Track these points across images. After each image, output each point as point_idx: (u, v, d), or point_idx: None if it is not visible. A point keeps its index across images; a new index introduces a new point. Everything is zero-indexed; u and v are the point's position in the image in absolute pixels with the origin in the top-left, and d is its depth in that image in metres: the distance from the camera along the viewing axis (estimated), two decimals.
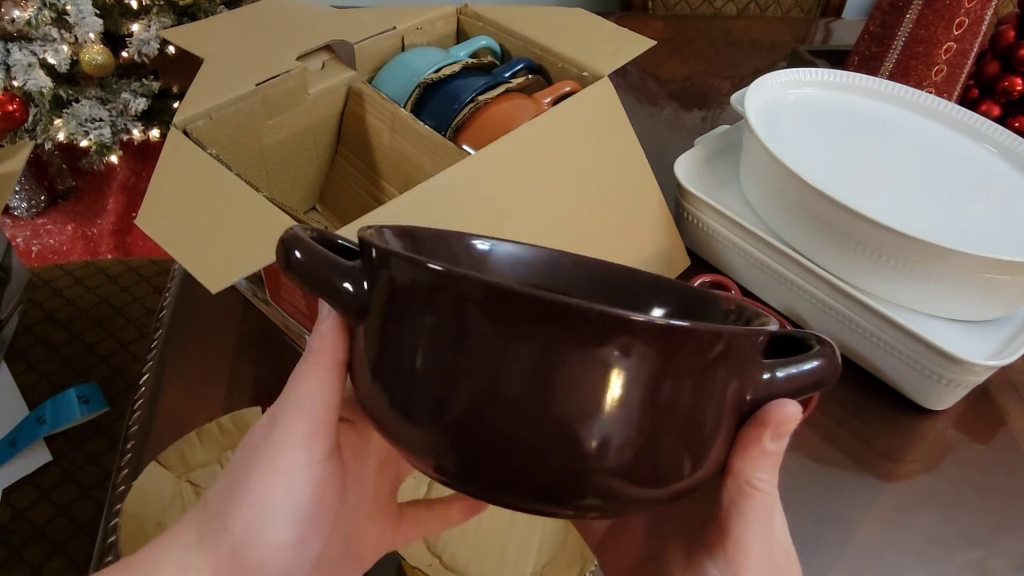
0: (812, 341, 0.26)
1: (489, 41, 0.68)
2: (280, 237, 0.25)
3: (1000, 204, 0.61)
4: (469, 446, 0.22)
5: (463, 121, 0.60)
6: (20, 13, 1.32)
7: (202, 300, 0.63)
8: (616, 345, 0.21)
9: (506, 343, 0.21)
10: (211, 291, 0.40)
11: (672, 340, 0.21)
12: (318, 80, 0.61)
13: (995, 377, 0.60)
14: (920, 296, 0.56)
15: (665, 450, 0.22)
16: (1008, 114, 0.78)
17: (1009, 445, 0.57)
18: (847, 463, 0.55)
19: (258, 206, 0.46)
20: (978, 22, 0.71)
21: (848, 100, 0.70)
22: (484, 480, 0.23)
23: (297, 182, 0.66)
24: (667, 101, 0.94)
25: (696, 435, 0.23)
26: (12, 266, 0.79)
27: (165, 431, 0.52)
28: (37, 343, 0.80)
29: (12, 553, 0.65)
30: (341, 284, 0.25)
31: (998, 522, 0.52)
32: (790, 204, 0.60)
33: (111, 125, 1.49)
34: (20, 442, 0.70)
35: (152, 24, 1.50)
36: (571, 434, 0.21)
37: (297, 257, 0.25)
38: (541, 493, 0.22)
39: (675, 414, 0.22)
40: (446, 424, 0.22)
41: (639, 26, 0.69)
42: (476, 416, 0.22)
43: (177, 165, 0.49)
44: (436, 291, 0.22)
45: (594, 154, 0.60)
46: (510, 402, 0.21)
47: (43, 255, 1.63)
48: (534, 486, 0.22)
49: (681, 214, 0.67)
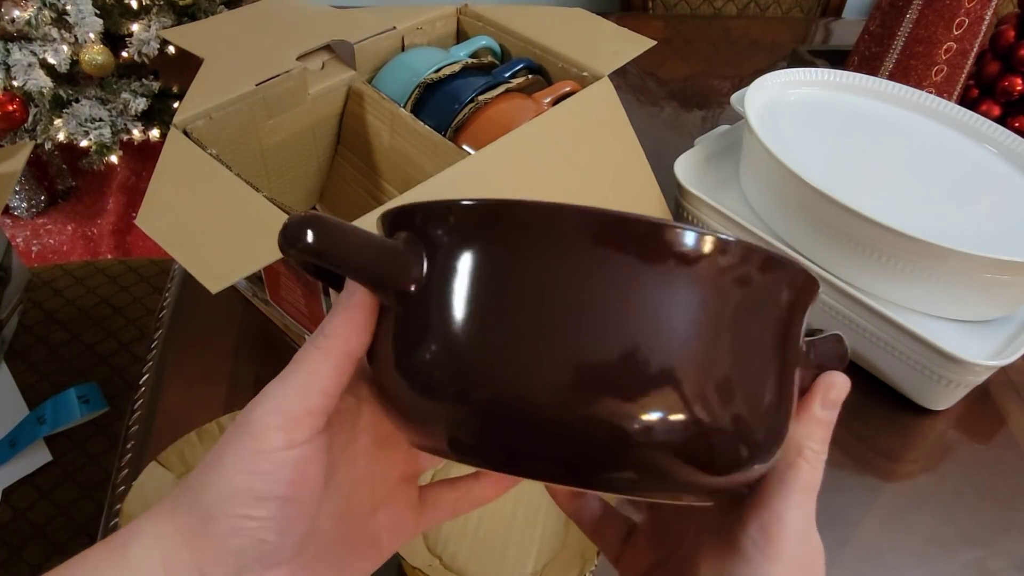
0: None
1: (489, 41, 0.68)
2: (293, 219, 0.23)
3: (1000, 204, 0.61)
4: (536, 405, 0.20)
5: (463, 121, 0.60)
6: (20, 13, 1.32)
7: (202, 300, 0.63)
8: (687, 269, 0.20)
9: (583, 269, 0.20)
10: (211, 291, 0.40)
11: (749, 263, 0.21)
12: (318, 80, 0.61)
13: (995, 377, 0.60)
14: (920, 296, 0.56)
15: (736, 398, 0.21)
16: (1008, 114, 0.78)
17: (1009, 445, 0.57)
18: (847, 463, 0.55)
19: (258, 206, 0.46)
20: (978, 22, 0.71)
21: (848, 100, 0.70)
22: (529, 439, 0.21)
23: (297, 182, 0.66)
24: (667, 101, 0.94)
25: (762, 388, 0.22)
26: (12, 266, 0.79)
27: (165, 431, 0.52)
28: (37, 343, 0.80)
29: (12, 553, 0.65)
30: (387, 259, 0.23)
31: (998, 522, 0.52)
32: (790, 204, 0.60)
33: (111, 125, 1.49)
34: (20, 442, 0.70)
35: (152, 24, 1.50)
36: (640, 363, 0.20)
37: (324, 237, 0.22)
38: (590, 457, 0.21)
39: (749, 352, 0.21)
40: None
41: (639, 26, 0.69)
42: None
43: (177, 165, 0.49)
44: (506, 232, 0.21)
45: (594, 154, 0.60)
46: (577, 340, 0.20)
47: (43, 255, 1.63)
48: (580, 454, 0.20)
49: (681, 214, 0.67)
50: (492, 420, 0.21)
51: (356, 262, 0.23)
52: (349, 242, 0.23)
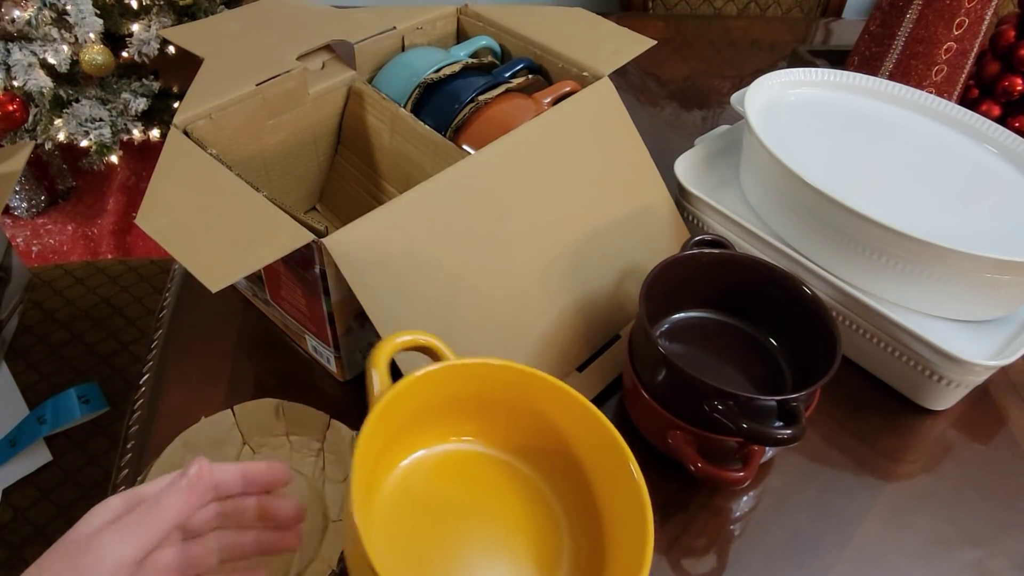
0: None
1: (489, 41, 0.68)
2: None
3: (1000, 204, 0.61)
4: None
5: (463, 121, 0.60)
6: (20, 13, 1.32)
7: (202, 300, 0.63)
8: None
9: None
10: (211, 291, 0.40)
11: None
12: (318, 80, 0.61)
13: (995, 377, 0.60)
14: (920, 296, 0.56)
15: None
16: (1008, 114, 0.78)
17: (1009, 445, 0.57)
18: (847, 463, 0.55)
19: (258, 206, 0.46)
20: (978, 22, 0.71)
21: (848, 100, 0.71)
22: None
23: (297, 182, 0.66)
24: (667, 101, 0.94)
25: None
26: (12, 266, 0.79)
27: (165, 431, 0.52)
28: (37, 343, 0.80)
29: (12, 553, 0.65)
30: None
31: (998, 522, 0.52)
32: (790, 204, 0.60)
33: (111, 125, 1.49)
34: (20, 442, 0.70)
35: (152, 24, 1.50)
36: None
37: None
38: None
39: None
40: None
41: (639, 26, 0.69)
42: None
43: (177, 165, 0.49)
44: None
45: (595, 153, 0.60)
46: None
47: (43, 255, 1.63)
48: None
49: (681, 214, 0.67)
50: None
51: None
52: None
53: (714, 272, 0.55)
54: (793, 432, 0.43)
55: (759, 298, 0.55)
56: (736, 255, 0.56)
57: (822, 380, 0.46)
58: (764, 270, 0.54)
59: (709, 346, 0.56)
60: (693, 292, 0.56)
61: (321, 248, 0.45)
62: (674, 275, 0.53)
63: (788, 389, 0.52)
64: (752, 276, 0.54)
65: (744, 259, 0.55)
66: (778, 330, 0.55)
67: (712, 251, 0.55)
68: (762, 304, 0.55)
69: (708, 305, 0.57)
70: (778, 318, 0.54)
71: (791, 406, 0.45)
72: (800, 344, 0.53)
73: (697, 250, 0.55)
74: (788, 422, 0.45)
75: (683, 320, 0.57)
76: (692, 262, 0.54)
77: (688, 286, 0.55)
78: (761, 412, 0.46)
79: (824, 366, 0.47)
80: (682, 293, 0.56)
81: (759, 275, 0.54)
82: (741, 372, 0.54)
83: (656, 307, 0.54)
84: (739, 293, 0.55)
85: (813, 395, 0.49)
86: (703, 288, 0.56)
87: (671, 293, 0.55)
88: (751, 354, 0.55)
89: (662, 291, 0.53)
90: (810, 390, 0.46)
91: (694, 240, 0.56)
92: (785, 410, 0.46)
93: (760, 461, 0.47)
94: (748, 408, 0.45)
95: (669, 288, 0.54)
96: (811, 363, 0.50)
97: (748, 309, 0.56)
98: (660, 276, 0.52)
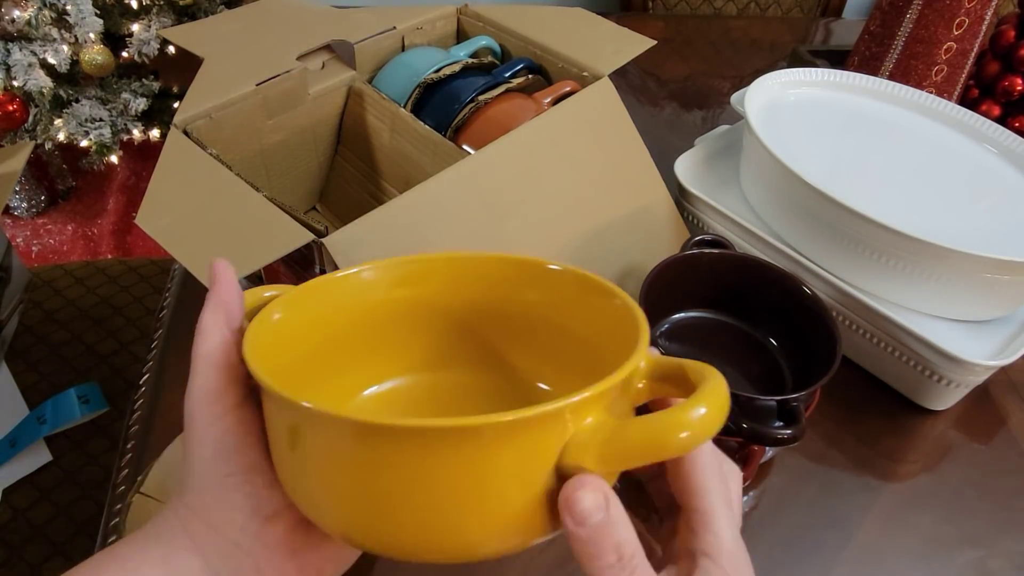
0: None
1: (489, 41, 0.68)
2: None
3: (1000, 204, 0.61)
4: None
5: (463, 121, 0.60)
6: (20, 13, 1.32)
7: (202, 300, 0.63)
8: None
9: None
10: None
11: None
12: (318, 80, 0.61)
13: (995, 377, 0.60)
14: (920, 296, 0.56)
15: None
16: (1008, 114, 0.78)
17: (1009, 445, 0.57)
18: (847, 463, 0.55)
19: (258, 206, 0.46)
20: (978, 22, 0.71)
21: (848, 100, 0.70)
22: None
23: (297, 182, 0.66)
24: (667, 101, 0.94)
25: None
26: (12, 266, 0.79)
27: (165, 431, 0.52)
28: (37, 343, 0.80)
29: (12, 553, 0.65)
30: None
31: (998, 522, 0.52)
32: (790, 204, 0.60)
33: (111, 125, 1.49)
34: (20, 442, 0.70)
35: (152, 24, 1.50)
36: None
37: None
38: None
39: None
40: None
41: (639, 26, 0.69)
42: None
43: (177, 165, 0.49)
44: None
45: (595, 153, 0.60)
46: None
47: (43, 255, 1.63)
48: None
49: (681, 214, 0.67)
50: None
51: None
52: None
53: (714, 272, 0.55)
54: (793, 432, 0.43)
55: (759, 298, 0.55)
56: (736, 255, 0.56)
57: (822, 380, 0.46)
58: (764, 270, 0.54)
59: (709, 346, 0.56)
60: (693, 292, 0.56)
61: (321, 248, 0.45)
62: (674, 275, 0.53)
63: (788, 389, 0.52)
64: (752, 276, 0.54)
65: (744, 259, 0.55)
66: (778, 330, 0.55)
67: (712, 251, 0.55)
68: (762, 304, 0.55)
69: (708, 305, 0.57)
70: (778, 318, 0.54)
71: (791, 406, 0.45)
72: (800, 344, 0.53)
73: (697, 250, 0.55)
74: (788, 422, 0.45)
75: (683, 320, 0.57)
76: (692, 262, 0.54)
77: (688, 286, 0.55)
78: (761, 412, 0.46)
79: (824, 366, 0.47)
80: (682, 293, 0.56)
81: (759, 275, 0.54)
82: (741, 372, 0.54)
83: (656, 307, 0.54)
84: (739, 293, 0.55)
85: (813, 395, 0.49)
86: (703, 288, 0.56)
87: (671, 293, 0.55)
88: (751, 354, 0.55)
89: (662, 291, 0.53)
90: (810, 390, 0.46)
91: (694, 240, 0.56)
92: (785, 410, 0.46)
93: (760, 461, 0.47)
94: (748, 408, 0.45)
95: (669, 288, 0.54)
96: (811, 363, 0.50)
97: (748, 309, 0.56)
98: (660, 276, 0.52)
